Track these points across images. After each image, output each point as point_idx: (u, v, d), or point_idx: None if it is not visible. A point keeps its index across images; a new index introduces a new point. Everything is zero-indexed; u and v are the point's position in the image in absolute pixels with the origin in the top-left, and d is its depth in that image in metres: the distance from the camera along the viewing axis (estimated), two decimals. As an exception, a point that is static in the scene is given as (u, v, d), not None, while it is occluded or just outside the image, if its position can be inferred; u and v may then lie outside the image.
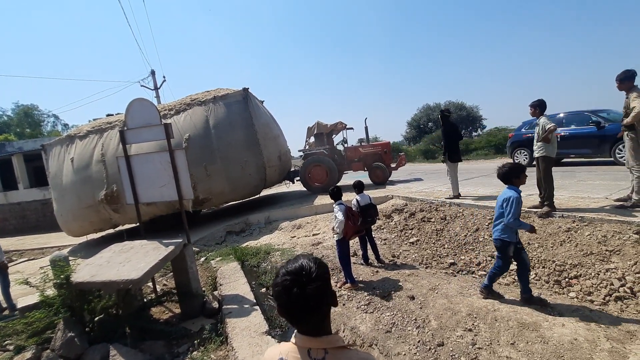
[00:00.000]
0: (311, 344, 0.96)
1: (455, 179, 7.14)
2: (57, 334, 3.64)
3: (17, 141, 24.32)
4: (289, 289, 0.93)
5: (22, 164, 16.41)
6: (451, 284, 4.18)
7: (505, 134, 20.95)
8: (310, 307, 0.94)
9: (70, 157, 9.12)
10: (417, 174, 13.51)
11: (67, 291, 3.76)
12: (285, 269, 0.98)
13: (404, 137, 38.38)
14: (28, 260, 9.70)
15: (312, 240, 6.95)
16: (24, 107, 38.19)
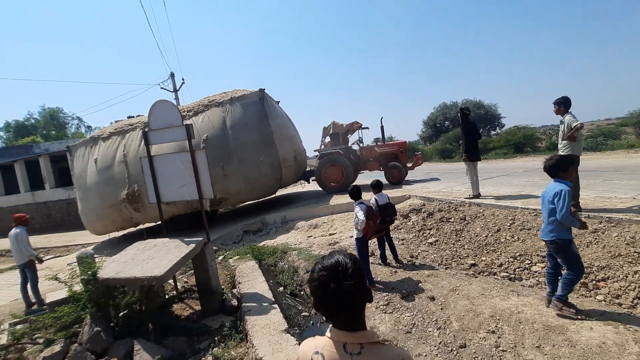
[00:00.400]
0: (347, 339, 0.97)
1: (475, 178, 6.99)
2: (84, 329, 3.77)
3: (44, 143, 25.39)
4: (326, 285, 0.94)
5: (49, 165, 17.10)
6: (472, 285, 4.09)
7: (526, 133, 20.38)
8: (345, 303, 0.94)
9: (93, 158, 9.44)
10: (434, 174, 13.30)
11: (94, 287, 3.89)
12: (321, 265, 0.99)
13: (420, 137, 37.86)
14: (54, 257, 10.10)
15: (328, 240, 6.94)
16: (50, 110, 39.80)
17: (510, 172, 11.22)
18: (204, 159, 4.54)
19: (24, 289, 5.65)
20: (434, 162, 22.35)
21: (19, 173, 17.60)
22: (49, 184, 16.97)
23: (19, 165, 17.64)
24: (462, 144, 7.08)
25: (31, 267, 5.70)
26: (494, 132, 32.12)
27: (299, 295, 4.93)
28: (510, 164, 14.28)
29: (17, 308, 5.59)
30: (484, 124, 32.46)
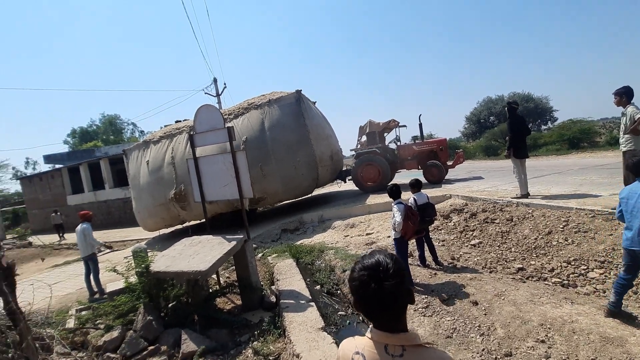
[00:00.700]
0: (388, 340, 0.95)
1: (524, 176, 6.54)
2: (138, 317, 4.11)
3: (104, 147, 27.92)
4: (366, 285, 0.93)
5: (108, 167, 18.78)
6: (520, 291, 3.84)
7: (582, 127, 18.61)
8: (386, 303, 0.93)
9: (146, 160, 10.22)
10: (478, 172, 12.64)
11: (147, 279, 4.22)
12: (362, 264, 0.98)
13: (462, 133, 36.14)
14: (114, 251, 11.07)
15: (365, 239, 6.89)
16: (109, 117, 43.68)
17: (564, 169, 10.33)
18: (244, 160, 4.73)
19: (88, 279, 6.27)
20: (477, 159, 21.21)
21: (83, 175, 19.53)
22: (109, 184, 18.64)
23: (83, 167, 19.57)
24: (508, 140, 6.66)
25: (93, 260, 6.30)
26: (545, 127, 29.77)
27: (336, 294, 4.96)
28: (564, 161, 13.15)
29: (82, 296, 6.22)
30: (534, 118, 30.21)
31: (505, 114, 6.84)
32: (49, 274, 9.21)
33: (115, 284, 5.58)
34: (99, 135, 41.16)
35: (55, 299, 5.90)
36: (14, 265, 3.58)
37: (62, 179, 20.88)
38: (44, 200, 22.01)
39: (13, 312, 3.35)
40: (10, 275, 3.46)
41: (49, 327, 4.22)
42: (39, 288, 5.35)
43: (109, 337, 3.97)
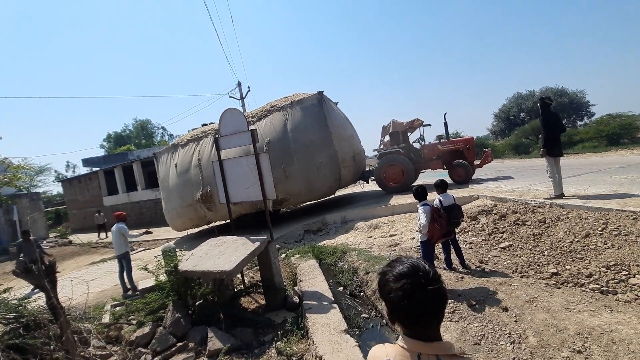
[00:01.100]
0: (422, 349, 0.92)
1: (558, 175, 6.20)
2: (168, 314, 4.27)
3: (136, 150, 29.28)
4: (411, 293, 0.89)
5: (140, 169, 19.67)
6: (554, 297, 3.64)
7: (622, 122, 17.37)
8: (430, 309, 0.90)
9: (174, 163, 10.62)
10: (507, 172, 12.12)
11: (175, 277, 4.38)
12: (397, 272, 0.94)
13: (491, 131, 34.81)
14: (145, 249, 11.59)
15: (389, 241, 6.79)
16: (141, 122, 45.77)
17: (602, 168, 9.70)
18: (267, 162, 4.80)
19: (121, 276, 6.59)
20: (507, 158, 20.34)
21: (118, 177, 20.57)
22: (141, 186, 19.52)
23: (117, 170, 20.63)
24: (542, 138, 6.32)
25: (126, 258, 6.61)
26: (581, 123, 28.09)
27: (359, 296, 4.92)
28: (602, 159, 12.35)
29: (116, 292, 6.55)
30: (568, 114, 28.60)
31: (538, 110, 6.52)
32: (86, 270, 9.77)
33: (147, 282, 5.84)
34: (132, 139, 43.19)
35: (92, 295, 6.25)
36: (55, 263, 3.83)
37: (98, 181, 22.11)
38: (83, 201, 23.41)
39: (54, 307, 3.58)
40: (52, 272, 3.70)
41: (87, 321, 4.47)
42: (77, 284, 5.70)
43: (141, 333, 4.16)
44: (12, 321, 3.77)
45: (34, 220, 19.15)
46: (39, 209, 20.53)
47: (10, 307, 3.81)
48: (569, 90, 29.22)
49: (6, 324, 3.76)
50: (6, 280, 7.17)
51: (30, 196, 19.56)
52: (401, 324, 0.96)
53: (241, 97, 19.88)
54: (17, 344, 3.35)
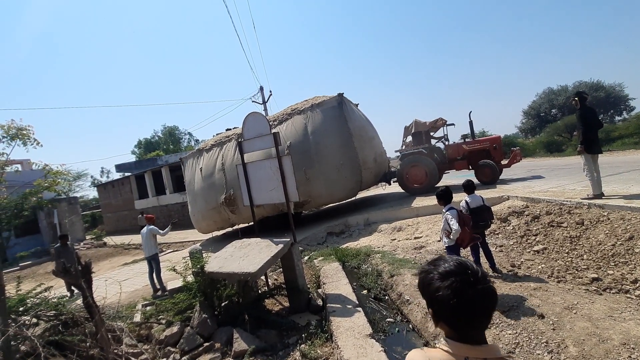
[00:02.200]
0: (469, 353, 0.88)
1: (596, 174, 5.82)
2: (195, 314, 4.37)
3: (165, 156, 30.43)
4: (461, 291, 0.85)
5: (168, 174, 20.40)
6: (595, 304, 3.40)
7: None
8: (482, 310, 0.87)
9: (199, 167, 10.94)
10: (539, 171, 11.54)
11: (202, 279, 4.47)
12: (444, 270, 0.91)
13: (520, 129, 33.40)
14: (173, 251, 11.98)
15: (414, 243, 6.63)
16: (169, 128, 47.55)
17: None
18: (289, 164, 4.82)
19: (151, 277, 6.83)
20: (538, 157, 19.39)
21: (148, 181, 21.44)
22: (169, 190, 20.24)
23: (147, 175, 21.50)
24: (579, 134, 5.95)
25: (156, 259, 6.85)
26: (620, 118, 26.38)
27: (383, 299, 4.82)
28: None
29: (147, 292, 6.79)
30: (605, 109, 26.96)
31: (572, 106, 6.15)
32: (119, 271, 10.22)
33: (175, 282, 6.01)
34: (161, 145, 44.93)
35: (125, 295, 6.51)
36: (90, 264, 4.01)
37: (130, 185, 23.15)
38: (116, 205, 24.58)
39: (90, 306, 3.74)
40: (88, 272, 3.88)
41: (119, 320, 4.65)
42: (111, 284, 5.96)
43: (170, 332, 4.27)
44: (52, 318, 3.99)
45: (72, 223, 20.31)
46: (77, 212, 21.76)
47: (51, 305, 4.03)
48: (605, 84, 27.58)
49: (47, 321, 3.98)
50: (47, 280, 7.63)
51: (68, 200, 20.77)
52: (448, 326, 0.92)
53: (263, 101, 20.20)
54: (56, 340, 3.53)
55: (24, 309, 3.81)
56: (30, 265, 14.14)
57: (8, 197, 3.90)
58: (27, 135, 4.58)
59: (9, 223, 3.70)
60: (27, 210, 3.90)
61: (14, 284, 4.07)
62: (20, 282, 4.11)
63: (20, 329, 3.37)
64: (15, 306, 3.70)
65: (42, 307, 3.94)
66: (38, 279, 9.37)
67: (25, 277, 7.26)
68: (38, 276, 11.13)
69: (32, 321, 3.85)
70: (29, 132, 4.65)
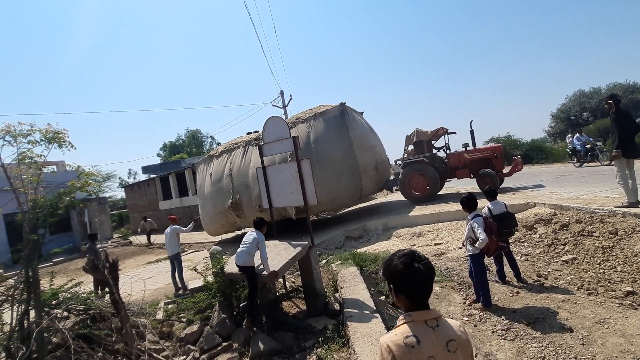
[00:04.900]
0: (426, 316, 1.20)
1: (632, 181, 5.49)
2: (214, 314, 4.46)
3: (188, 158, 31.35)
4: (410, 265, 1.20)
5: (191, 176, 20.99)
6: (630, 319, 3.20)
7: None
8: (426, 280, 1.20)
9: (209, 173, 11.34)
10: (568, 177, 11.03)
11: (221, 279, 4.57)
12: (398, 255, 1.26)
13: (548, 133, 32.02)
14: (195, 251, 12.29)
15: (434, 250, 6.49)
16: (192, 132, 49.01)
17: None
18: (308, 168, 4.85)
19: (173, 276, 7.03)
20: (567, 162, 18.50)
21: (172, 183, 22.17)
22: (191, 192, 20.81)
23: (171, 177, 22.24)
24: (613, 138, 5.65)
25: (178, 259, 7.05)
26: (658, 122, 24.69)
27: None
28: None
29: (169, 291, 6.99)
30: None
31: (605, 109, 5.85)
32: (144, 269, 10.59)
33: (196, 282, 6.17)
34: (184, 148, 46.37)
35: (148, 292, 6.74)
36: (117, 262, 4.19)
37: (155, 186, 24.00)
38: (142, 205, 25.53)
39: (116, 302, 3.90)
40: (115, 269, 4.06)
41: (143, 316, 4.82)
42: (136, 282, 6.18)
43: (190, 331, 4.38)
44: (82, 313, 4.19)
45: (101, 222, 21.27)
46: (106, 212, 22.76)
47: (80, 300, 4.23)
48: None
49: (76, 315, 4.18)
50: (77, 276, 8.01)
51: (98, 200, 21.79)
52: (405, 296, 1.23)
53: (283, 105, 20.47)
54: (85, 333, 3.70)
55: (56, 302, 4.01)
56: (62, 261, 14.91)
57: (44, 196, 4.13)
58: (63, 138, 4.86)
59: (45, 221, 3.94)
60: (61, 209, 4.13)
61: (48, 278, 4.29)
62: (53, 277, 4.32)
63: (52, 322, 3.56)
64: (49, 299, 3.90)
65: (72, 301, 4.14)
66: (69, 274, 9.85)
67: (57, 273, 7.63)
68: (69, 272, 11.71)
69: (63, 314, 4.06)
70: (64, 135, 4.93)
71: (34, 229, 3.88)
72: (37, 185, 4.07)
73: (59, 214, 4.37)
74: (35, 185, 4.07)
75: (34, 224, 3.89)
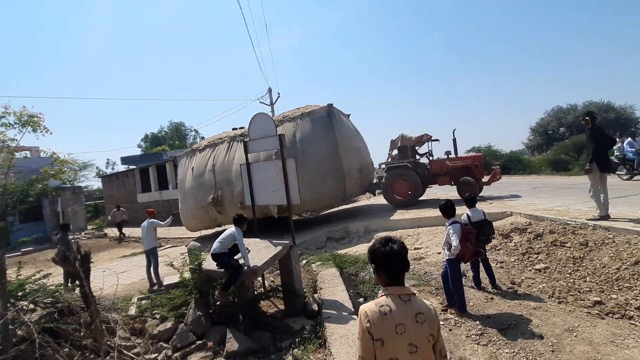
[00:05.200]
0: (400, 291, 1.44)
1: (604, 195, 5.75)
2: (189, 311, 4.35)
3: (170, 151, 30.61)
4: (386, 245, 1.48)
5: (172, 169, 20.49)
6: (597, 328, 3.33)
7: (680, 140, 15.91)
8: (400, 259, 1.46)
9: (191, 167, 11.13)
10: (545, 189, 11.45)
11: (199, 276, 4.46)
12: (378, 241, 1.54)
13: (526, 145, 33.20)
14: (172, 246, 12.00)
15: (413, 254, 6.57)
16: (175, 124, 47.89)
17: (656, 190, 8.90)
18: (293, 167, 4.82)
19: (149, 271, 6.83)
20: (544, 175, 19.22)
21: (152, 176, 21.57)
22: (172, 185, 20.31)
23: (152, 169, 21.63)
24: (588, 153, 5.90)
25: (154, 253, 6.86)
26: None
27: (380, 309, 4.76)
28: (656, 181, 11.32)
29: (143, 286, 6.79)
30: (614, 130, 26.61)
31: (581, 125, 6.11)
32: (118, 263, 10.25)
33: (172, 278, 6.00)
34: (167, 140, 45.23)
35: (121, 287, 6.51)
36: (90, 254, 4.02)
37: (134, 178, 23.29)
38: (119, 197, 24.68)
39: (86, 295, 3.75)
40: (86, 262, 3.89)
41: (114, 312, 4.65)
42: (108, 275, 5.96)
43: (163, 328, 4.26)
44: (49, 305, 3.99)
45: (75, 212, 20.44)
46: (80, 202, 21.89)
47: (48, 292, 4.04)
48: (616, 105, 27.37)
49: (44, 307, 3.99)
50: (47, 267, 7.66)
51: (73, 189, 20.92)
52: (384, 274, 1.49)
53: (271, 102, 20.33)
54: (51, 327, 3.53)
55: (23, 294, 3.82)
56: (31, 251, 14.24)
57: (15, 182, 3.92)
58: (38, 122, 4.64)
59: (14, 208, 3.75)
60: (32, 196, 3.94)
61: (15, 268, 4.08)
62: (20, 267, 4.12)
63: (18, 314, 3.38)
64: (15, 290, 3.71)
65: (40, 293, 3.95)
66: (38, 265, 9.39)
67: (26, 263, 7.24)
68: (38, 262, 11.17)
69: (29, 307, 3.86)
70: (39, 119, 4.71)
71: (3, 215, 3.68)
72: (8, 170, 3.87)
73: (29, 202, 4.17)
74: (6, 170, 3.87)
75: (3, 211, 3.70)
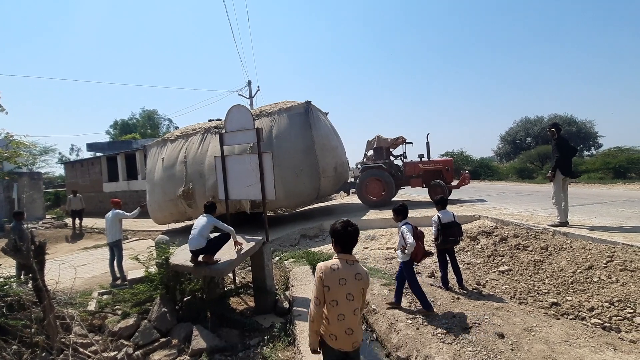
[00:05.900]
0: (348, 258, 2.10)
1: (565, 202, 6.10)
2: (154, 308, 4.15)
3: (141, 139, 29.31)
4: (345, 227, 2.11)
5: (142, 159, 19.59)
6: (553, 328, 3.51)
7: (630, 156, 17.25)
8: (354, 237, 2.12)
9: (161, 157, 10.66)
10: (510, 195, 12.02)
11: (166, 271, 4.27)
12: (340, 222, 2.14)
13: (496, 153, 34.77)
14: (139, 239, 11.48)
15: (385, 253, 6.68)
16: (148, 112, 45.91)
17: (608, 200, 9.58)
18: (270, 162, 4.73)
19: (112, 264, 6.48)
20: (510, 182, 20.21)
21: (120, 164, 20.55)
22: (141, 176, 19.45)
23: (120, 157, 20.61)
24: (553, 161, 6.26)
25: (118, 246, 6.51)
26: (588, 153, 27.99)
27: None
28: (608, 191, 12.22)
29: (105, 280, 6.44)
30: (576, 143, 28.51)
31: (547, 136, 6.48)
32: (78, 255, 9.66)
33: (137, 272, 5.72)
34: (138, 128, 43.26)
35: (81, 281, 6.15)
36: (45, 245, 3.74)
37: (100, 166, 22.08)
38: (83, 185, 23.32)
39: (39, 289, 3.48)
40: (41, 253, 3.61)
41: (71, 307, 4.36)
42: (66, 268, 5.60)
43: (125, 324, 4.04)
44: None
45: (33, 200, 19.07)
46: (39, 189, 20.46)
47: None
48: (577, 119, 29.25)
49: (-11, 301, 3.67)
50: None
51: (31, 175, 19.52)
52: (339, 246, 2.12)
53: (250, 96, 19.96)
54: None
55: (-35, 286, 3.49)
56: (-21, 240, 13.14)
57: (-39, 164, 3.56)
58: (-10, 100, 4.24)
59: (-40, 192, 3.36)
60: (-18, 180, 3.59)
61: (-42, 258, 3.73)
62: (-36, 257, 3.77)
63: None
64: (-43, 282, 3.39)
65: (-15, 286, 3.63)
66: (-14, 255, 8.70)
67: (-29, 253, 6.66)
68: (-14, 253, 10.34)
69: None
70: (-8, 96, 4.30)
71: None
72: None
73: (-23, 186, 3.79)
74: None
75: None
